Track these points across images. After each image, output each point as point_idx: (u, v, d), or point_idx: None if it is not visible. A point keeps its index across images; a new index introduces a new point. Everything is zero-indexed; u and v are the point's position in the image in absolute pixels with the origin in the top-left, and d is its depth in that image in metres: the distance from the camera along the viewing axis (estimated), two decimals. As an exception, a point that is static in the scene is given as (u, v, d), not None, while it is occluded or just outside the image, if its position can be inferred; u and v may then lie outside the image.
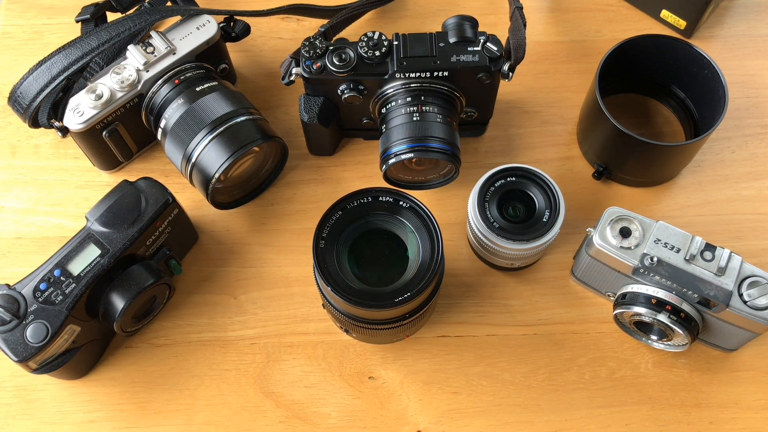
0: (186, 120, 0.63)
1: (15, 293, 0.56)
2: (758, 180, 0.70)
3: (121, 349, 0.65)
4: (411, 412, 0.62)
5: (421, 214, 0.55)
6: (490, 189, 0.61)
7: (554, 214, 0.60)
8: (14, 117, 0.70)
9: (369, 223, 0.55)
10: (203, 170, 0.62)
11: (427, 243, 0.54)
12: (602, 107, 0.63)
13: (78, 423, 0.62)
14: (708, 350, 0.64)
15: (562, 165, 0.71)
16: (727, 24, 0.78)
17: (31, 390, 0.63)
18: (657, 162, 0.66)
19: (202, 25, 0.67)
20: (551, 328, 0.65)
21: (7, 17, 0.79)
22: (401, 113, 0.62)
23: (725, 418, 0.62)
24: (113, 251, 0.58)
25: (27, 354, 0.55)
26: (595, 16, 0.79)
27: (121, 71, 0.64)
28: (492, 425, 0.62)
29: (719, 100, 0.64)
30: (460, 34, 0.62)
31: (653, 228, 0.57)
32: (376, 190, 0.55)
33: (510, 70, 0.63)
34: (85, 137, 0.65)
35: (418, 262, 0.54)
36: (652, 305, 0.57)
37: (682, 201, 0.70)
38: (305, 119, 0.66)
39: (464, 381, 0.63)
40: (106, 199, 0.59)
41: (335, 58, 0.62)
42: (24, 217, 0.70)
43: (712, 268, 0.56)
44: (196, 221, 0.68)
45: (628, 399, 0.62)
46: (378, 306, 0.52)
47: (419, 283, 0.52)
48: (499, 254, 0.61)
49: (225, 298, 0.66)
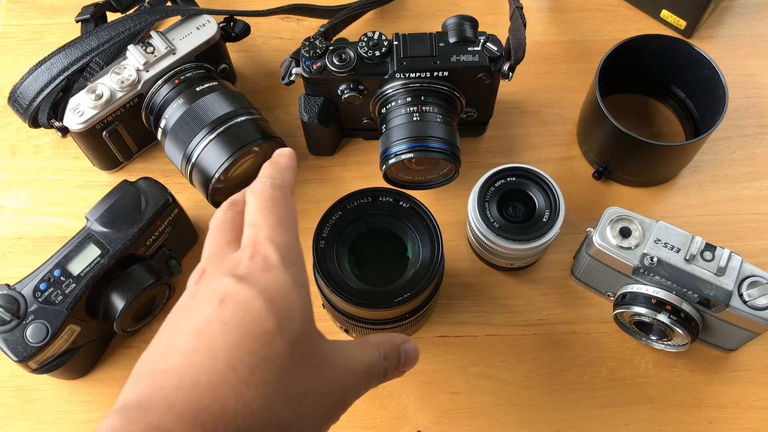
0: (186, 120, 0.63)
1: (15, 293, 0.56)
2: (758, 180, 0.70)
3: (121, 349, 0.65)
4: (411, 412, 0.62)
5: (422, 214, 0.55)
6: (490, 189, 0.61)
7: (554, 214, 0.60)
8: (14, 117, 0.70)
9: (369, 223, 0.55)
10: (203, 170, 0.62)
11: (427, 243, 0.54)
12: (602, 107, 0.63)
13: (78, 423, 0.62)
14: (708, 350, 0.64)
15: (562, 165, 0.71)
16: (727, 24, 0.78)
17: (31, 390, 0.63)
18: (657, 162, 0.66)
19: (202, 25, 0.67)
20: (551, 328, 0.65)
21: (7, 17, 0.79)
22: (401, 113, 0.62)
23: (725, 418, 0.62)
24: (113, 251, 0.58)
25: (27, 354, 0.55)
26: (595, 16, 0.79)
27: (121, 71, 0.64)
28: (492, 425, 0.62)
29: (719, 100, 0.64)
30: (460, 34, 0.62)
31: (653, 228, 0.57)
32: (376, 190, 0.55)
33: (510, 70, 0.63)
34: (85, 137, 0.65)
35: (418, 262, 0.54)
36: (652, 305, 0.57)
37: (682, 201, 0.70)
38: (305, 119, 0.66)
39: (464, 381, 0.63)
40: (106, 199, 0.59)
41: (335, 58, 0.62)
42: (24, 217, 0.70)
43: (712, 268, 0.56)
44: (196, 221, 0.68)
45: (628, 399, 0.62)
46: (378, 306, 0.52)
47: (419, 283, 0.52)
48: (499, 254, 0.61)
49: (225, 298, 0.66)
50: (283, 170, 0.44)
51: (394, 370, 0.44)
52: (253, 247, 0.40)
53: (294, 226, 0.42)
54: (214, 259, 0.41)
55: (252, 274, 0.38)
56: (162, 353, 0.37)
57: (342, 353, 0.41)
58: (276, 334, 0.37)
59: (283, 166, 0.45)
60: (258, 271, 0.38)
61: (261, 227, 0.40)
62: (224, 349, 0.36)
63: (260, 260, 0.39)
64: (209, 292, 0.38)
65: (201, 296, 0.39)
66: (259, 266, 0.39)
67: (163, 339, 0.38)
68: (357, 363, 0.41)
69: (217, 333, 0.36)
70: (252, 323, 0.36)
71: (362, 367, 0.41)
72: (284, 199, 0.42)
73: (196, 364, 0.35)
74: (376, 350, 0.42)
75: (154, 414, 0.34)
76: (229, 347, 0.36)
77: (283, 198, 0.42)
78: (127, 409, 0.35)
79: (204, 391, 0.35)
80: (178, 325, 0.38)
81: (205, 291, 0.39)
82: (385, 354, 0.43)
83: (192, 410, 0.34)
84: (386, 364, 0.43)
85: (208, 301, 0.38)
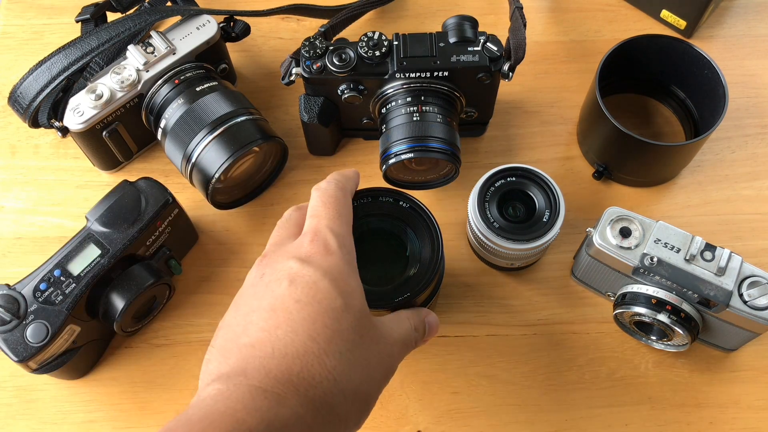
0: (186, 120, 0.63)
1: (15, 293, 0.56)
2: (758, 180, 0.70)
3: (121, 349, 0.65)
4: (411, 412, 0.62)
5: (422, 214, 0.55)
6: (490, 189, 0.61)
7: (554, 214, 0.60)
8: (14, 117, 0.70)
9: (369, 224, 0.55)
10: (203, 170, 0.62)
11: (427, 243, 0.54)
12: (602, 107, 0.63)
13: (78, 423, 0.62)
14: (708, 350, 0.64)
15: (562, 165, 0.71)
16: (727, 24, 0.78)
17: (31, 390, 0.63)
18: (657, 162, 0.66)
19: (202, 25, 0.67)
20: (551, 328, 0.65)
21: (7, 17, 0.79)
22: (401, 113, 0.62)
23: (725, 418, 0.62)
24: (113, 251, 0.58)
25: (27, 354, 0.55)
26: (595, 16, 0.79)
27: (121, 71, 0.64)
28: (492, 425, 0.62)
29: (719, 100, 0.64)
30: (460, 34, 0.62)
31: (653, 228, 0.57)
32: (376, 191, 0.55)
33: (510, 70, 0.63)
34: (85, 137, 0.65)
35: (418, 262, 0.54)
36: (652, 305, 0.57)
37: (682, 201, 0.70)
38: (305, 119, 0.66)
39: (464, 381, 0.63)
40: (106, 199, 0.59)
41: (335, 58, 0.62)
42: (24, 217, 0.70)
43: (712, 268, 0.56)
44: (196, 221, 0.68)
45: (628, 399, 0.62)
46: (378, 305, 0.52)
47: (419, 283, 0.53)
48: (499, 254, 0.61)
49: (225, 298, 0.66)
50: (348, 178, 0.50)
51: (420, 339, 0.50)
52: (314, 233, 0.45)
53: (350, 222, 0.47)
54: (275, 246, 0.46)
55: (314, 256, 0.43)
56: (242, 329, 0.41)
57: (386, 327, 0.46)
58: (343, 311, 0.42)
59: (348, 175, 0.51)
60: (319, 255, 0.43)
61: (322, 217, 0.46)
62: (303, 323, 0.40)
63: (321, 244, 0.44)
64: (277, 274, 0.43)
65: (268, 277, 0.43)
66: (320, 249, 0.44)
67: (239, 317, 0.42)
68: (397, 335, 0.47)
69: (293, 310, 0.41)
70: (322, 300, 0.41)
71: (401, 338, 0.47)
72: (345, 199, 0.48)
73: (281, 338, 0.40)
74: (408, 323, 0.49)
75: (255, 377, 0.39)
76: (307, 322, 0.41)
77: (344, 198, 0.48)
78: (228, 376, 0.39)
79: (294, 359, 0.40)
80: (251, 303, 0.42)
81: (271, 273, 0.43)
82: (415, 326, 0.49)
83: (286, 375, 0.39)
84: (416, 335, 0.49)
85: (278, 281, 0.42)
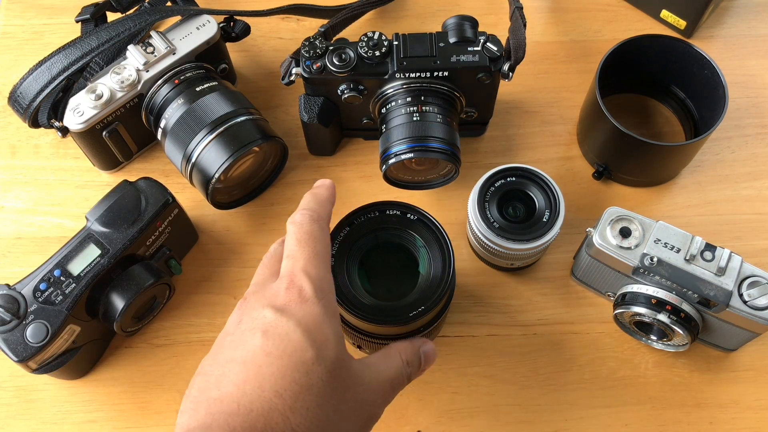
0: (186, 120, 0.63)
1: (15, 293, 0.56)
2: (758, 180, 0.70)
3: (121, 349, 0.65)
4: (411, 412, 0.62)
5: (430, 225, 0.54)
6: (490, 189, 0.61)
7: (554, 214, 0.60)
8: (14, 117, 0.70)
9: (378, 238, 0.54)
10: (203, 170, 0.62)
11: (438, 254, 0.53)
12: (602, 107, 0.63)
13: (78, 423, 0.62)
14: (708, 350, 0.64)
15: (562, 165, 0.71)
16: (727, 24, 0.78)
17: (31, 390, 0.63)
18: (657, 162, 0.66)
19: (202, 25, 0.67)
20: (551, 328, 0.65)
21: (7, 17, 0.79)
22: (401, 113, 0.62)
23: (725, 418, 0.62)
24: (113, 251, 0.58)
25: (27, 354, 0.55)
26: (595, 16, 0.79)
27: (121, 71, 0.64)
28: (492, 425, 0.62)
29: (719, 100, 0.64)
30: (460, 34, 0.62)
31: (653, 228, 0.57)
32: (383, 204, 0.54)
33: (510, 70, 0.63)
34: (85, 137, 0.65)
35: (429, 275, 0.53)
36: (652, 305, 0.57)
37: (682, 201, 0.70)
38: (305, 119, 0.66)
39: (464, 381, 0.63)
40: (106, 199, 0.59)
41: (335, 58, 0.62)
42: (24, 217, 0.70)
43: (712, 268, 0.56)
44: (196, 221, 0.68)
45: (628, 399, 0.62)
46: (393, 322, 0.51)
47: (432, 296, 0.51)
48: (499, 254, 0.61)
49: (225, 298, 0.66)
50: (322, 203, 0.48)
51: (416, 372, 0.48)
52: (290, 278, 0.44)
53: (327, 258, 0.46)
54: (257, 287, 0.46)
55: (289, 305, 0.43)
56: (215, 381, 0.41)
57: (370, 370, 0.45)
58: (314, 363, 0.41)
59: (322, 198, 0.49)
60: (294, 303, 0.43)
61: (297, 259, 0.44)
62: (271, 378, 0.40)
63: (296, 292, 0.43)
64: (252, 323, 0.43)
65: (244, 325, 0.43)
66: (295, 298, 0.43)
67: (215, 366, 0.42)
68: (383, 376, 0.46)
69: (263, 364, 0.40)
70: (293, 353, 0.41)
71: (388, 379, 0.46)
72: (321, 232, 0.46)
73: (247, 393, 0.40)
74: (398, 358, 0.47)
75: None
76: (275, 377, 0.40)
77: (320, 231, 0.46)
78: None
79: (258, 416, 0.39)
80: (226, 353, 0.42)
81: (248, 320, 0.43)
82: (407, 360, 0.47)
83: None
84: (409, 370, 0.47)
85: (252, 332, 0.42)
